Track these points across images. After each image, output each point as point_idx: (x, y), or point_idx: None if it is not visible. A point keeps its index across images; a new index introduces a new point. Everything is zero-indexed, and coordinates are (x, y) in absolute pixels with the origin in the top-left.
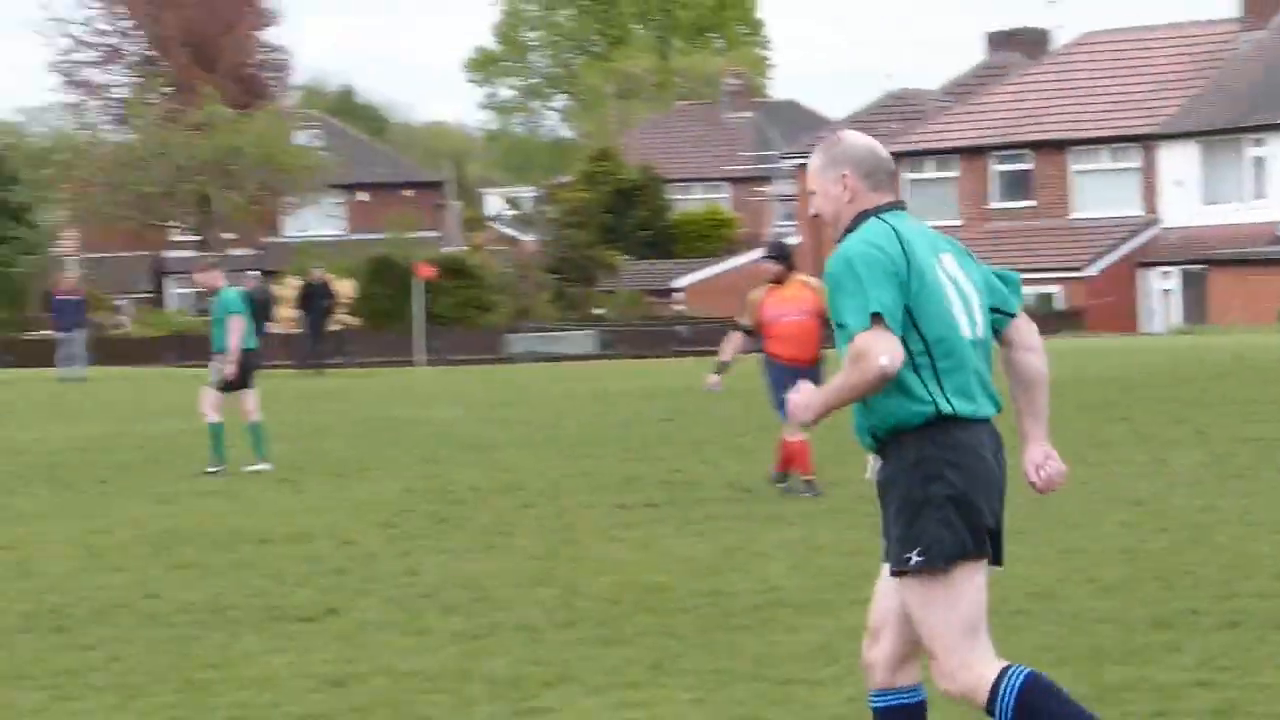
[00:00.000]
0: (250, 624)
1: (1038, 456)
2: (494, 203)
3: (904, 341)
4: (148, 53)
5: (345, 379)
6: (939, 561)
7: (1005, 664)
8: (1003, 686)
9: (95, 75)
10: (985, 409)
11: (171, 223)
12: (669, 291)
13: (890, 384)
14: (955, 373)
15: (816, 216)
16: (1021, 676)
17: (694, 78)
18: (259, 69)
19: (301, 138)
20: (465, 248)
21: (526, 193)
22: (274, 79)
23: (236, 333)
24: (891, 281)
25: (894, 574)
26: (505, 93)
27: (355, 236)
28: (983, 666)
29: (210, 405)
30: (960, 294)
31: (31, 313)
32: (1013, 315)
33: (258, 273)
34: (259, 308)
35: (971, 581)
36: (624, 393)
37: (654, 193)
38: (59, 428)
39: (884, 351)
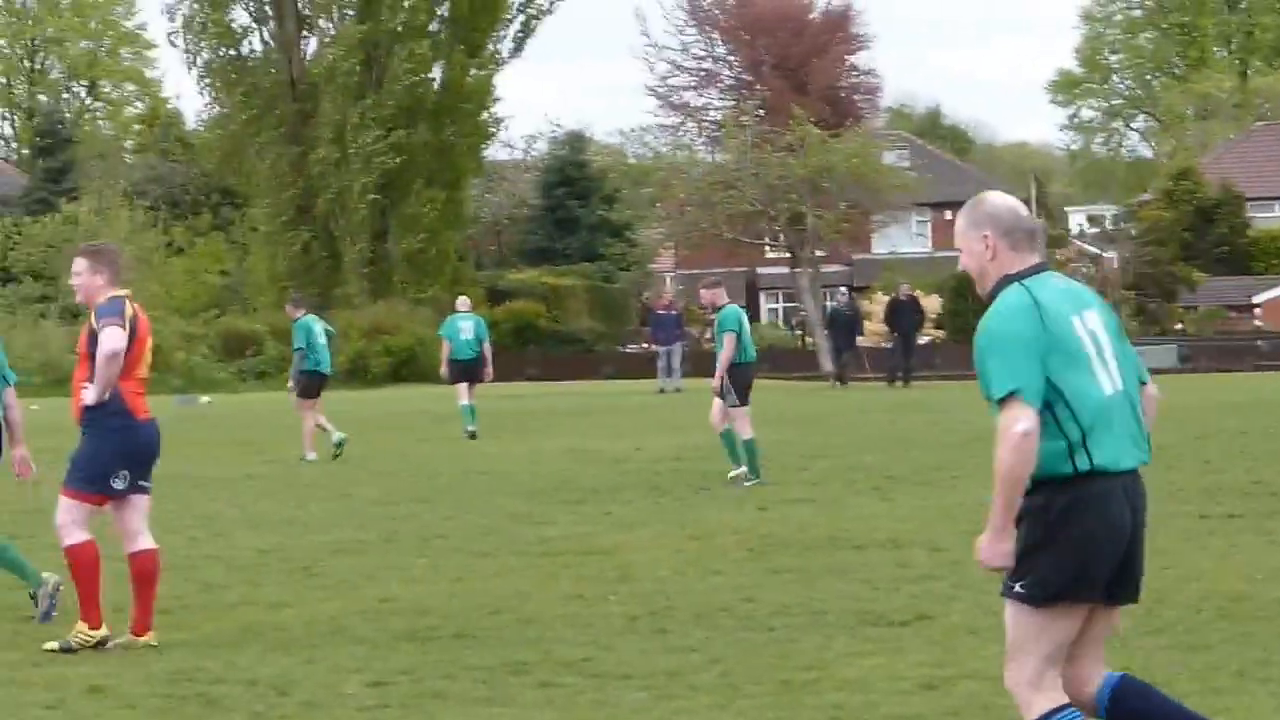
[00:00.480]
0: (844, 627)
1: None
2: (1076, 220)
3: (1048, 407)
4: (742, 77)
5: (932, 391)
6: (1039, 600)
7: (1064, 703)
8: (1098, 691)
9: (692, 98)
10: (1124, 462)
11: (764, 240)
12: (1249, 307)
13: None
14: (1095, 429)
15: (964, 271)
16: (1112, 681)
17: (1273, 98)
18: (849, 91)
19: (890, 158)
20: (1048, 265)
21: (1107, 211)
22: (864, 101)
23: (727, 349)
24: (1030, 355)
25: (1001, 593)
26: (1086, 113)
27: (941, 253)
28: (1042, 697)
29: (731, 416)
30: (1098, 350)
31: (630, 326)
32: (1144, 384)
33: (845, 289)
34: (847, 323)
35: (1065, 619)
36: (1202, 406)
37: (1234, 210)
38: (658, 438)
39: (1022, 418)
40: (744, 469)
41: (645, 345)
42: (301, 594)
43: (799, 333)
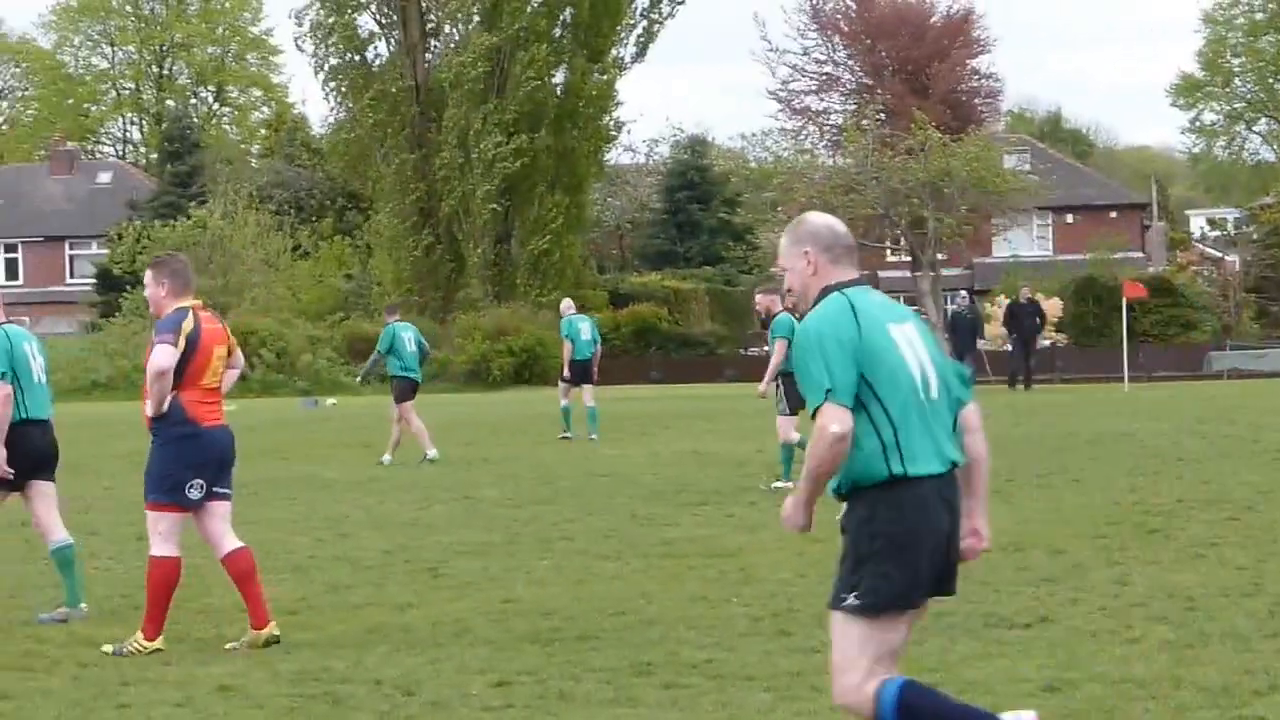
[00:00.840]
0: (966, 630)
1: (964, 528)
2: (1197, 224)
3: (863, 407)
4: (863, 81)
5: (1052, 394)
6: (870, 610)
7: (885, 676)
8: (883, 695)
9: (813, 102)
10: (936, 466)
11: (885, 244)
12: None
13: (851, 448)
14: (909, 434)
15: (790, 291)
16: (894, 685)
17: None
18: (970, 95)
19: (1011, 161)
20: (1169, 268)
21: (1229, 214)
22: (985, 105)
23: (778, 354)
24: (846, 356)
25: (829, 606)
26: (1208, 116)
27: (1062, 257)
28: (872, 686)
29: (787, 427)
30: (918, 359)
31: (752, 330)
32: (965, 401)
33: (966, 292)
34: (968, 326)
35: (895, 625)
36: None
37: None
38: (776, 440)
39: (834, 421)
40: (792, 484)
41: (766, 349)
42: (426, 595)
43: None
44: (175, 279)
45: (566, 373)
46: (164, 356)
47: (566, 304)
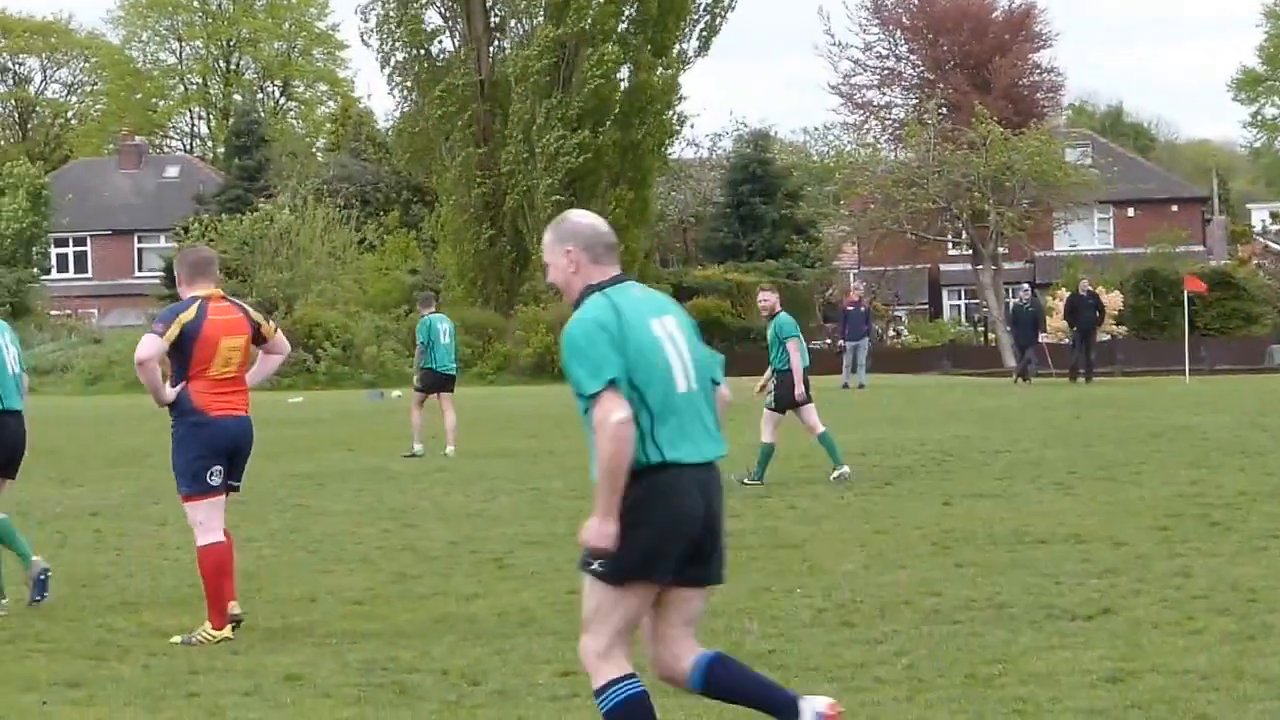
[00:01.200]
0: (1029, 621)
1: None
2: (1259, 217)
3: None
4: (925, 75)
5: (1113, 387)
6: (612, 579)
7: (628, 672)
8: (610, 691)
9: (875, 96)
10: (696, 455)
11: (947, 237)
12: None
13: None
14: (667, 424)
15: (552, 285)
16: (626, 692)
17: None
18: (1031, 89)
19: (1072, 155)
20: (1230, 261)
21: None
22: (1046, 99)
23: (796, 354)
24: (611, 348)
25: (578, 567)
26: (1270, 111)
27: (1123, 250)
28: (610, 666)
29: (814, 420)
30: (676, 351)
31: (813, 322)
32: (717, 384)
33: (1028, 285)
34: (1030, 319)
35: (636, 598)
36: None
37: None
38: (842, 433)
39: (614, 409)
40: (847, 468)
41: (829, 341)
42: (492, 585)
43: (981, 329)
44: (188, 268)
45: None
46: (143, 347)
47: None
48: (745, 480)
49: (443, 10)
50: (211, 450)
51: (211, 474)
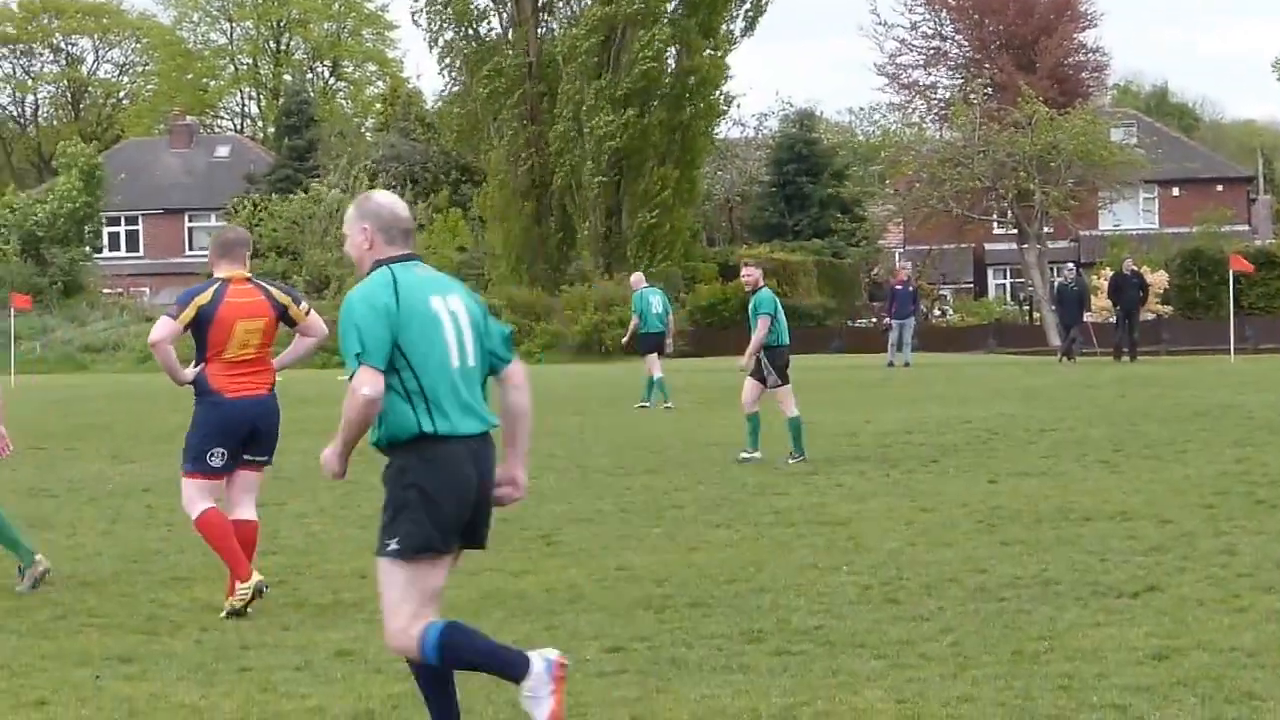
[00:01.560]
0: (1074, 598)
1: (503, 477)
2: None
3: (396, 371)
4: (970, 55)
5: (1158, 366)
6: (407, 554)
7: (430, 621)
8: (425, 641)
9: (920, 76)
10: (465, 427)
11: (992, 216)
12: None
13: (386, 407)
14: (439, 397)
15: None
16: (432, 632)
17: None
18: (1077, 69)
19: (1117, 135)
20: (1275, 241)
21: None
22: (1091, 78)
23: (762, 329)
24: (382, 323)
25: (375, 554)
26: None
27: (1167, 230)
28: (417, 627)
29: (789, 403)
30: (457, 328)
31: (859, 301)
32: (508, 361)
33: (1073, 264)
34: (1075, 298)
35: (431, 570)
36: None
37: None
38: (888, 411)
39: (366, 384)
40: (759, 453)
41: (874, 320)
42: (540, 562)
43: (1026, 308)
44: (217, 249)
45: (625, 340)
46: (156, 329)
47: (637, 278)
48: (789, 461)
49: None
50: (221, 432)
51: (212, 455)
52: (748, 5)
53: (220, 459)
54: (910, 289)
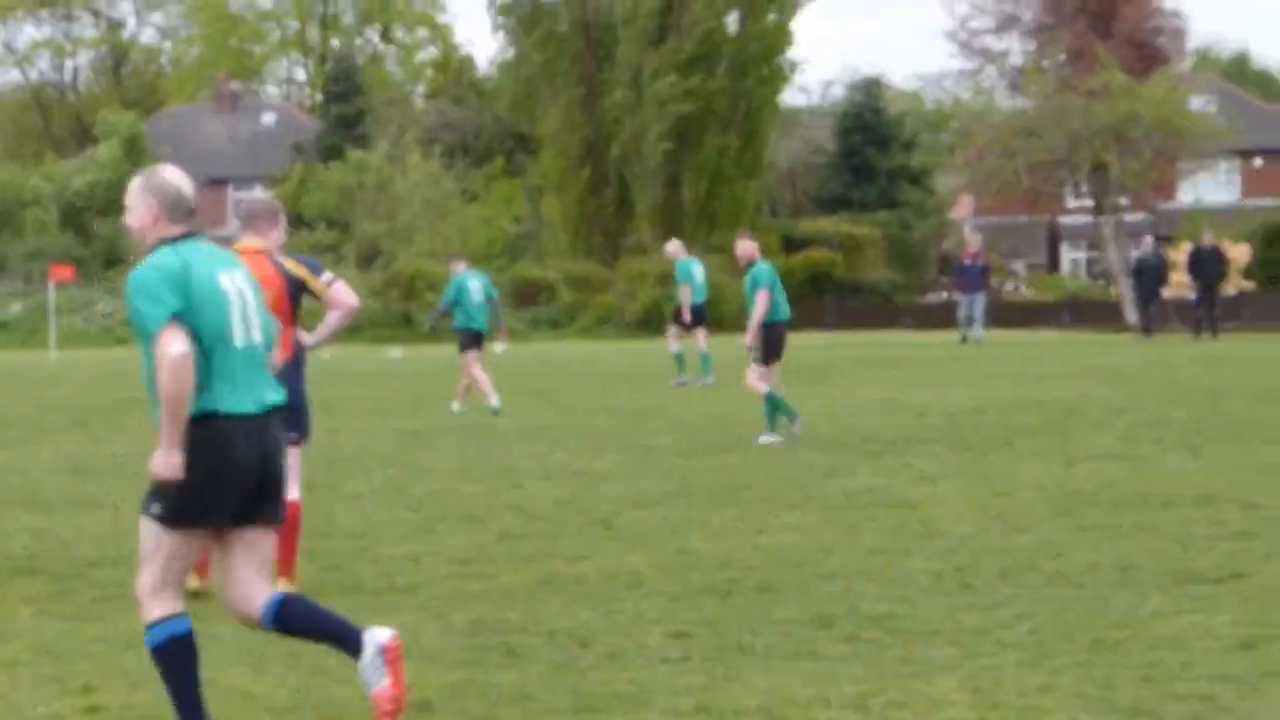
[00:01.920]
0: (1156, 585)
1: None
2: None
3: None
4: (1044, 20)
5: (1240, 342)
6: (167, 521)
7: (177, 611)
8: (157, 627)
9: (992, 42)
10: (248, 406)
11: (1067, 189)
12: None
13: None
14: (220, 375)
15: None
16: (171, 630)
17: None
18: (1154, 35)
19: (1197, 103)
20: None
21: None
22: (1170, 45)
23: (762, 305)
24: (174, 292)
25: (140, 511)
26: None
27: (1250, 202)
28: (159, 604)
29: (756, 378)
30: (242, 305)
31: (928, 276)
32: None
33: (1152, 237)
34: (1153, 273)
35: (190, 540)
36: None
37: None
38: (959, 390)
39: (173, 341)
40: (779, 436)
41: (945, 295)
42: (600, 546)
43: (1103, 283)
44: (240, 221)
45: (686, 316)
46: None
47: (676, 246)
48: (763, 439)
49: None
50: None
51: None
52: None
53: None
54: (980, 263)
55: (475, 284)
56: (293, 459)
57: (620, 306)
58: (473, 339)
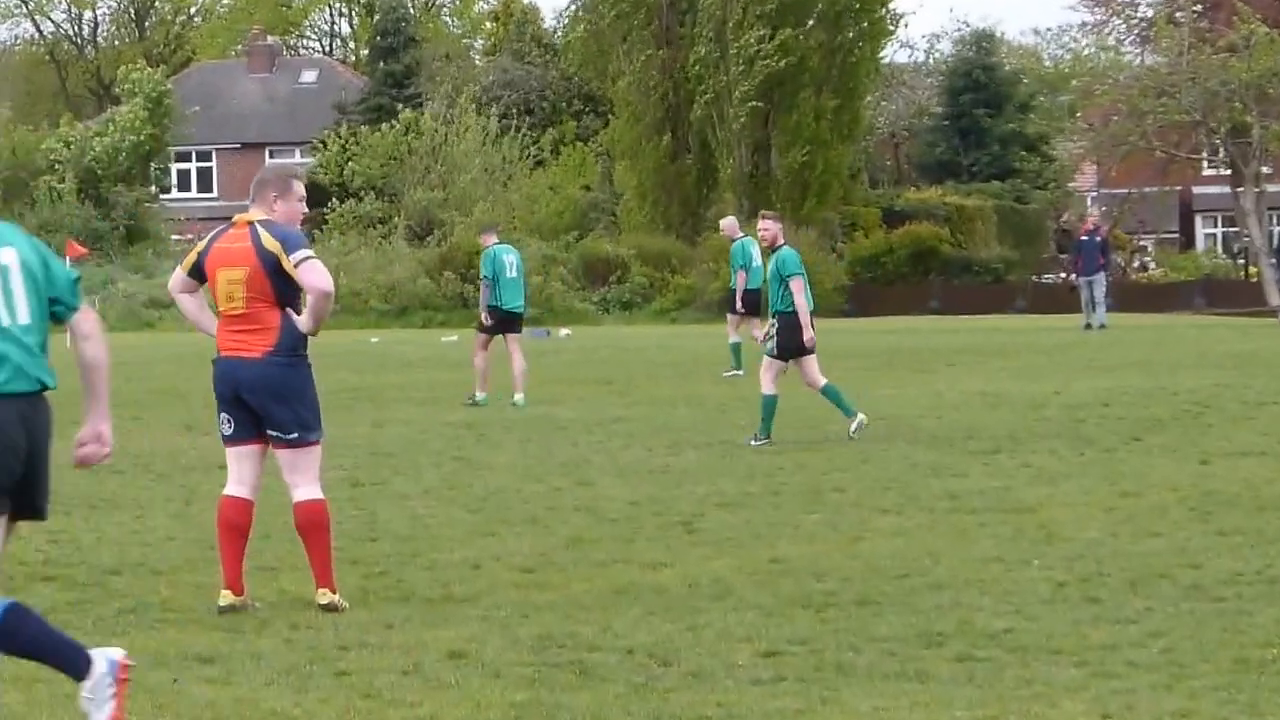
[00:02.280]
0: None
1: (85, 435)
2: None
3: None
4: None
5: None
6: None
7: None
8: None
9: None
10: (15, 386)
11: (1202, 155)
12: None
13: None
14: None
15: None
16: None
17: None
18: None
19: None
20: None
21: None
22: None
23: (800, 294)
24: None
25: None
26: None
27: None
28: None
29: (769, 377)
30: (5, 284)
31: (1046, 254)
32: (75, 309)
33: None
34: None
35: None
36: None
37: None
38: (1081, 380)
39: None
40: (863, 418)
41: (1063, 276)
42: (681, 552)
43: (1242, 261)
44: (250, 189)
45: (740, 305)
46: (171, 280)
47: (730, 223)
48: (753, 442)
49: None
50: (218, 395)
51: (222, 423)
52: None
53: (229, 426)
54: (1099, 239)
55: (510, 258)
56: (307, 459)
57: (701, 287)
58: (502, 321)
